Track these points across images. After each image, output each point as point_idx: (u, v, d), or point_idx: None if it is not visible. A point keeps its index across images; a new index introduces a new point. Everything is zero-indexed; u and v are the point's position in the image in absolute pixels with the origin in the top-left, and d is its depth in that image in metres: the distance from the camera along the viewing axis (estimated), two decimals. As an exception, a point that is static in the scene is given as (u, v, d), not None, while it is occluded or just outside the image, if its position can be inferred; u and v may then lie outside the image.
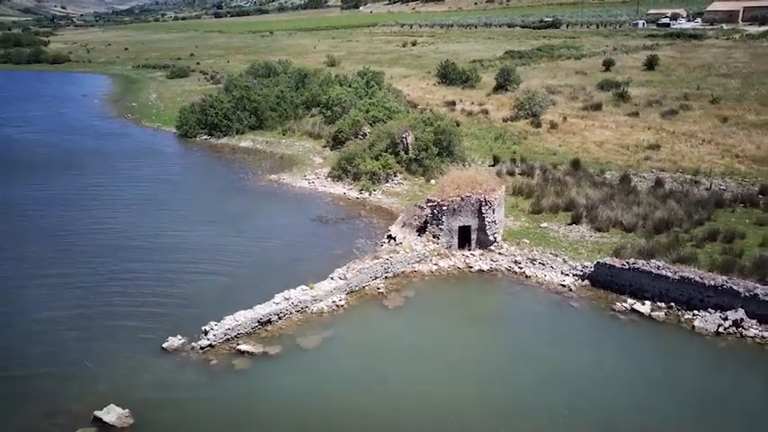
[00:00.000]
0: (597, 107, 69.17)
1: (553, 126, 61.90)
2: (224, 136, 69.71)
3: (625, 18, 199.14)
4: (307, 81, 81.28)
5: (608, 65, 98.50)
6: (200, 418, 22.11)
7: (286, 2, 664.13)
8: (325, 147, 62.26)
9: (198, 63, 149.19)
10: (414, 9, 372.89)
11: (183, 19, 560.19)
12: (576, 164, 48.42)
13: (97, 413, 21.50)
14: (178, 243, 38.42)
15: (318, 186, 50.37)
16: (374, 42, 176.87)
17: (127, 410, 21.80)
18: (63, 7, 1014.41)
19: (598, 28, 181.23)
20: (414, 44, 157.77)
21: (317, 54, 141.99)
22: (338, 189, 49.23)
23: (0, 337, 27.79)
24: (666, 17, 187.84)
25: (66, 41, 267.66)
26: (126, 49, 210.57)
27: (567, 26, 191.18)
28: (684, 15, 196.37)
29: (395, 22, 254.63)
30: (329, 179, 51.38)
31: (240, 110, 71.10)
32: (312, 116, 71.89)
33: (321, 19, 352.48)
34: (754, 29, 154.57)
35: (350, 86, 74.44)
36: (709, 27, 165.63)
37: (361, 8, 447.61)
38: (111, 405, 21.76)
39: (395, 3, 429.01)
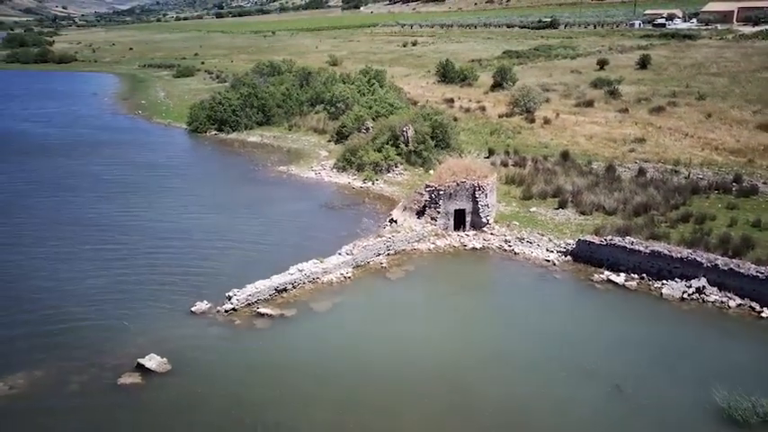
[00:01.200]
0: (589, 104, 72.44)
1: (546, 121, 65.21)
2: (233, 131, 73.23)
3: (622, 18, 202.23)
4: (311, 79, 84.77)
5: (602, 64, 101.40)
6: (227, 367, 25.52)
7: (287, 2, 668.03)
8: (329, 141, 65.70)
9: (202, 63, 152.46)
10: (414, 9, 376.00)
11: (185, 19, 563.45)
12: (565, 155, 51.85)
13: (140, 360, 24.95)
14: (198, 225, 42.12)
15: (324, 177, 53.84)
16: (375, 42, 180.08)
17: (165, 359, 25.25)
18: (64, 7, 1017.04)
19: (595, 28, 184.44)
20: (414, 44, 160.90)
21: (319, 54, 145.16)
22: (343, 179, 52.68)
23: (52, 301, 31.34)
24: (662, 17, 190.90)
25: (70, 41, 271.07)
26: (131, 48, 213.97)
27: (565, 26, 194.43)
28: (680, 16, 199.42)
29: (395, 23, 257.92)
30: (334, 170, 54.85)
31: (248, 106, 74.58)
32: (317, 113, 75.35)
33: (322, 19, 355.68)
34: (747, 29, 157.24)
35: (352, 84, 77.84)
36: (704, 27, 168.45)
37: (361, 8, 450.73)
38: (152, 354, 25.22)
39: (395, 3, 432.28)
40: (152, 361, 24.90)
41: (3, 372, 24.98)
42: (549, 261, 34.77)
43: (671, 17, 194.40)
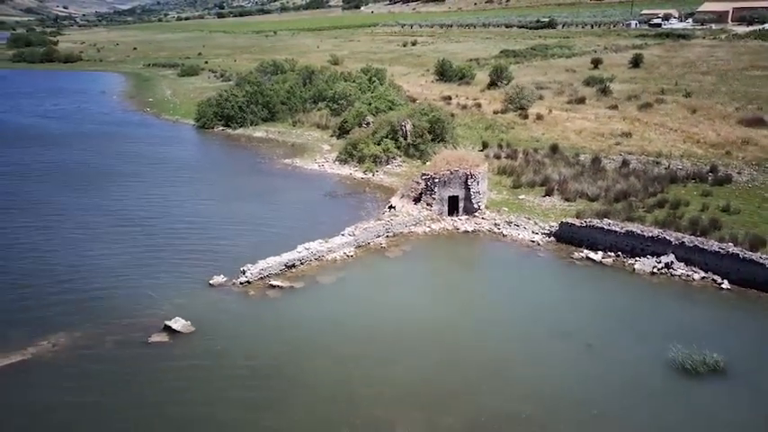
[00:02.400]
0: (581, 101, 75.58)
1: (539, 117, 68.40)
2: (239, 127, 76.53)
3: (619, 18, 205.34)
4: (313, 78, 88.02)
5: (596, 63, 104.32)
6: (244, 328, 28.77)
7: (287, 2, 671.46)
8: (332, 136, 68.97)
9: (206, 62, 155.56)
10: (414, 9, 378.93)
11: (186, 19, 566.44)
12: (554, 148, 55.08)
13: (167, 323, 28.21)
14: (212, 210, 45.75)
15: (327, 169, 57.14)
16: (375, 42, 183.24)
17: (188, 322, 28.51)
18: (65, 7, 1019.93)
19: (592, 28, 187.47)
20: (414, 44, 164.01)
21: (320, 53, 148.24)
22: (345, 171, 55.96)
23: (84, 273, 34.99)
24: (659, 17, 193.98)
25: (73, 41, 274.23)
26: (135, 48, 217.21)
27: (563, 26, 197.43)
28: (677, 16, 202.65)
29: (395, 23, 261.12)
30: (337, 162, 58.14)
31: (254, 103, 77.88)
32: (319, 110, 78.58)
33: (323, 19, 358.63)
34: (741, 29, 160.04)
35: (354, 82, 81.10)
36: (699, 27, 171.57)
37: (362, 8, 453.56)
38: (177, 317, 28.48)
39: (395, 3, 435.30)
40: (178, 323, 28.17)
41: (45, 332, 28.30)
42: (534, 242, 38.06)
43: (667, 17, 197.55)
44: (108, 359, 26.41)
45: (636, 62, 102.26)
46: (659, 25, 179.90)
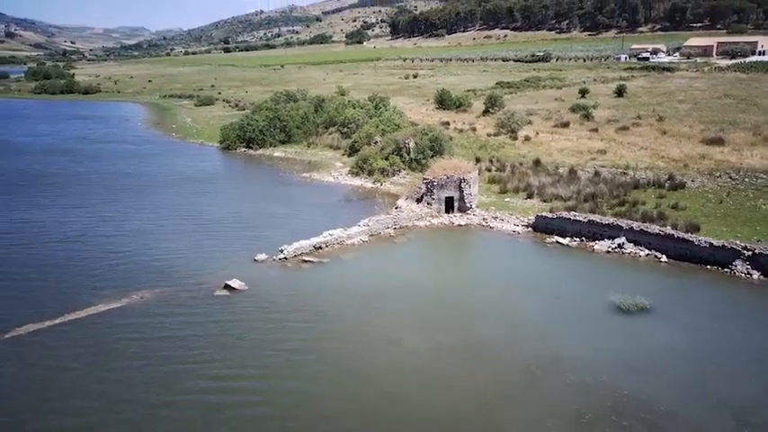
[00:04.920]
0: (565, 125, 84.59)
1: (527, 139, 77.34)
2: (260, 148, 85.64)
3: (610, 53, 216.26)
4: (324, 105, 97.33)
5: (583, 93, 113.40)
6: (285, 288, 37.08)
7: (291, 37, 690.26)
8: (343, 155, 77.93)
9: (219, 93, 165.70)
10: (415, 44, 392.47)
11: (194, 53, 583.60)
12: (537, 162, 63.84)
13: (227, 282, 36.62)
14: (248, 209, 55.32)
15: (341, 180, 65.93)
16: (379, 75, 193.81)
17: (243, 282, 36.89)
18: (72, 42, 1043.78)
19: (584, 61, 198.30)
20: (415, 76, 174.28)
21: (327, 85, 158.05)
22: (356, 182, 64.71)
23: (157, 251, 44.15)
24: (647, 52, 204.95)
25: (88, 74, 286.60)
26: (150, 81, 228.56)
27: (556, 60, 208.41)
28: (664, 50, 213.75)
29: (398, 57, 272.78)
30: (349, 175, 66.95)
31: (272, 127, 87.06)
32: (330, 133, 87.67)
33: (327, 54, 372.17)
34: (724, 62, 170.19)
35: (361, 108, 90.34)
36: (685, 61, 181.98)
37: (364, 43, 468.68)
38: (235, 278, 36.87)
39: (398, 38, 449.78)
40: (235, 282, 36.58)
41: (135, 289, 36.77)
42: (515, 231, 46.60)
43: (655, 51, 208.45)
44: (185, 305, 34.84)
45: (620, 92, 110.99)
46: (647, 59, 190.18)
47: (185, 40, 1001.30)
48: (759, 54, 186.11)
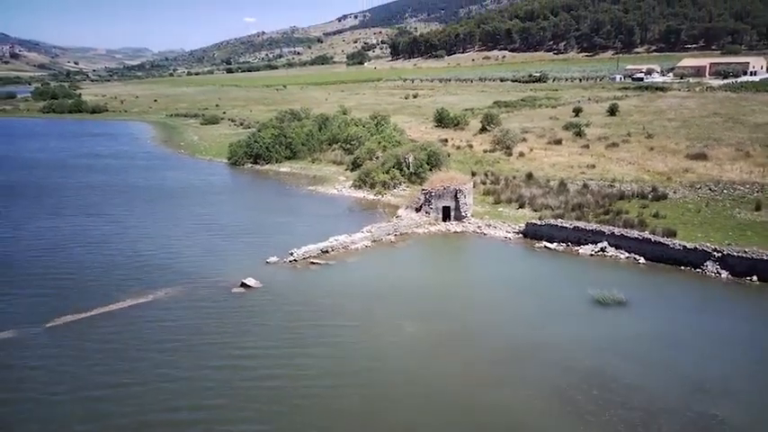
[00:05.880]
0: (558, 142, 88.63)
1: (521, 155, 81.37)
2: (266, 164, 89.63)
3: (605, 73, 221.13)
4: (328, 123, 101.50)
5: (577, 111, 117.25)
6: (296, 286, 40.74)
7: (293, 58, 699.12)
8: (346, 170, 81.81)
9: (224, 112, 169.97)
10: (415, 65, 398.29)
11: (197, 74, 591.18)
12: (529, 175, 67.72)
13: (243, 280, 40.31)
14: (258, 218, 59.59)
15: (345, 193, 69.76)
16: (380, 95, 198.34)
17: (258, 280, 40.57)
18: (76, 63, 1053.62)
19: (580, 81, 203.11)
20: (415, 96, 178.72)
21: (329, 105, 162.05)
22: (359, 194, 68.55)
23: (176, 253, 48.23)
24: (642, 72, 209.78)
25: (94, 94, 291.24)
26: (155, 100, 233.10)
27: (553, 80, 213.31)
28: (659, 70, 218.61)
29: (398, 77, 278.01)
30: (352, 188, 70.81)
31: (278, 144, 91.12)
32: (334, 150, 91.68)
33: (329, 74, 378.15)
34: (717, 82, 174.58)
35: (363, 126, 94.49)
36: (678, 81, 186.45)
37: (365, 64, 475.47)
38: (250, 277, 40.55)
39: (398, 59, 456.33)
40: (250, 281, 40.26)
41: (161, 286, 40.52)
42: (507, 238, 50.32)
43: (650, 72, 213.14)
44: (205, 300, 38.57)
45: (612, 111, 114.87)
46: (641, 79, 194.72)
47: (188, 60, 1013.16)
48: (750, 74, 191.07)
